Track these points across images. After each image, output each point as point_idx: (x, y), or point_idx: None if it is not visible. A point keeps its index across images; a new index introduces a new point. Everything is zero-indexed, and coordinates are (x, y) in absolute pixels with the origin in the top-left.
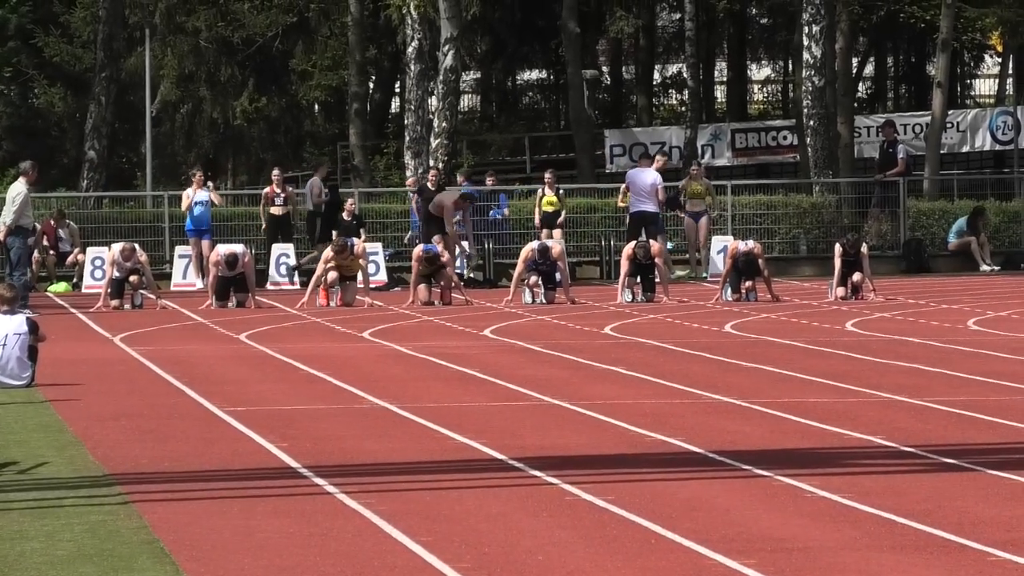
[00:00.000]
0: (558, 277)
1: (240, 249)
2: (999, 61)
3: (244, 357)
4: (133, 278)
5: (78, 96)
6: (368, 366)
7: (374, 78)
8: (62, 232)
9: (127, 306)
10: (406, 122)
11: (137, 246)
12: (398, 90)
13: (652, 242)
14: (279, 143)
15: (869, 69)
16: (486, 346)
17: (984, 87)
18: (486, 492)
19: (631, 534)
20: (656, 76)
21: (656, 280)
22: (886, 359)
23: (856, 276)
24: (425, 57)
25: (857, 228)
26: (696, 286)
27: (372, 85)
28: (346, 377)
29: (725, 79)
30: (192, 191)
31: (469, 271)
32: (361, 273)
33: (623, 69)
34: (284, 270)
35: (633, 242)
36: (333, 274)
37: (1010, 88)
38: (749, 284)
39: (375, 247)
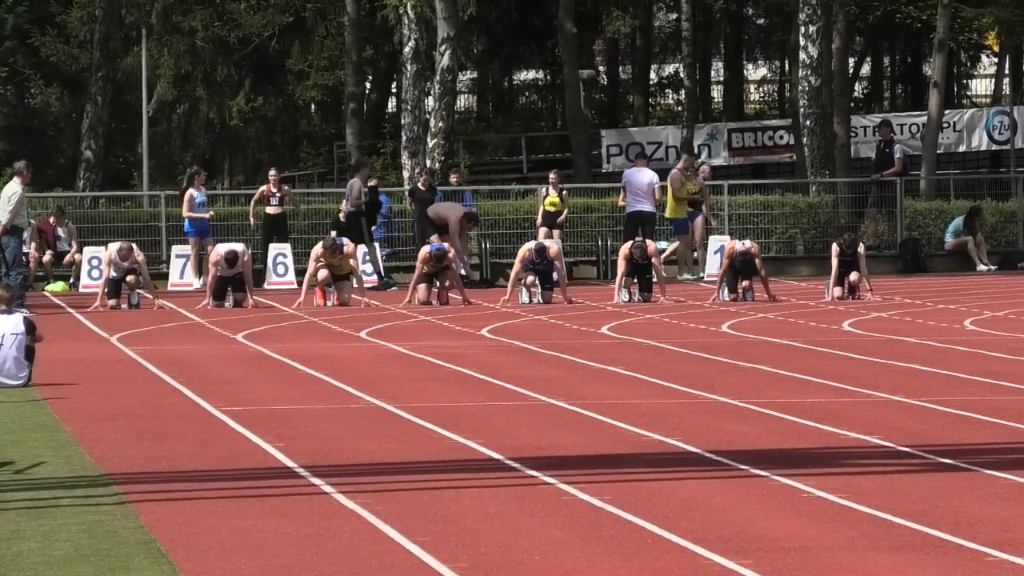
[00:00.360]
0: (555, 277)
1: (240, 247)
2: (995, 61)
3: (241, 357)
4: (130, 278)
5: (74, 96)
6: (365, 366)
7: (371, 78)
8: (60, 231)
9: (124, 306)
10: (403, 122)
11: (134, 246)
12: (395, 90)
13: (649, 242)
14: (275, 143)
15: (866, 69)
16: (483, 346)
17: (981, 87)
18: (483, 492)
19: (628, 534)
20: (653, 76)
21: (653, 280)
22: (883, 359)
23: (853, 276)
24: (422, 57)
25: (854, 228)
26: (693, 286)
27: (369, 85)
28: (343, 377)
29: (721, 79)
30: (195, 191)
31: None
32: (353, 273)
33: (620, 69)
34: (281, 270)
35: (630, 242)
36: (324, 272)
37: (1006, 88)
38: (746, 284)
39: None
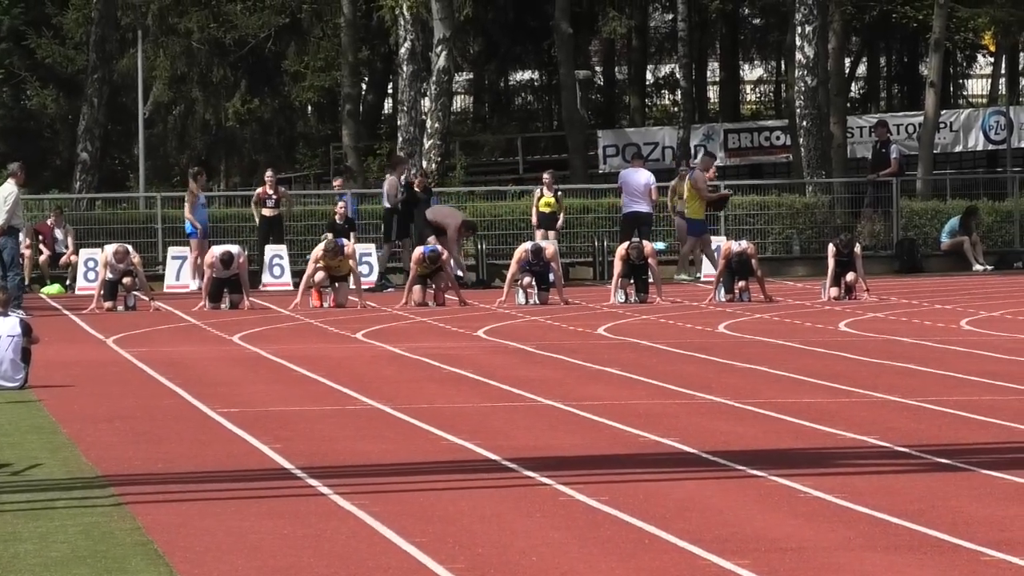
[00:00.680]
0: (551, 278)
1: (235, 249)
2: (992, 61)
3: (237, 358)
4: (126, 280)
5: (71, 98)
6: (361, 367)
7: (367, 79)
8: (58, 232)
9: (120, 308)
10: (399, 123)
11: (130, 248)
12: (391, 91)
13: (645, 242)
14: (272, 144)
15: (862, 69)
16: (479, 347)
17: (977, 87)
18: (480, 493)
19: (625, 534)
20: (649, 76)
21: (649, 281)
22: (879, 359)
23: (849, 276)
24: (418, 58)
25: (850, 228)
26: (690, 286)
27: (365, 86)
28: (339, 378)
29: (718, 79)
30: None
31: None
32: (352, 274)
33: (616, 69)
34: (278, 271)
35: (626, 242)
36: (321, 274)
37: (1003, 88)
38: (742, 284)
39: (368, 248)
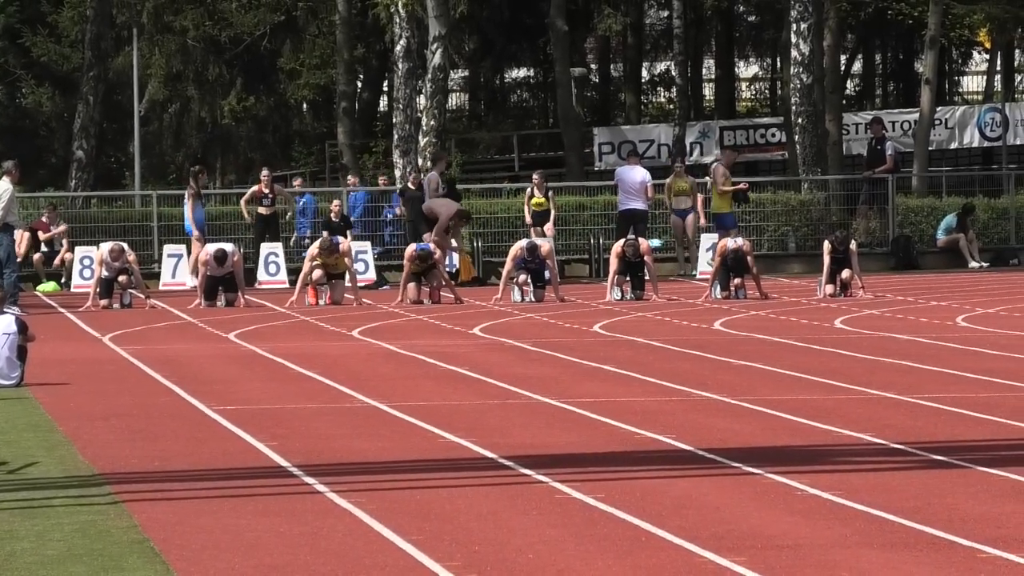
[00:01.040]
0: (547, 275)
1: (229, 247)
2: (987, 58)
3: (233, 356)
4: (122, 278)
5: (66, 96)
6: (357, 365)
7: (362, 77)
8: (54, 229)
9: (116, 305)
10: (394, 120)
11: (125, 246)
12: (386, 89)
13: (641, 240)
14: (267, 142)
15: (857, 66)
16: (475, 344)
17: (972, 84)
18: (476, 491)
19: (621, 532)
20: (644, 74)
21: (645, 278)
22: (875, 356)
23: (845, 273)
24: (413, 55)
25: (846, 225)
26: (685, 284)
27: (360, 84)
28: (335, 376)
29: (713, 76)
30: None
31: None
32: (348, 272)
33: (611, 67)
34: (273, 269)
35: (622, 240)
36: (318, 272)
37: (998, 85)
38: (738, 281)
39: (364, 245)
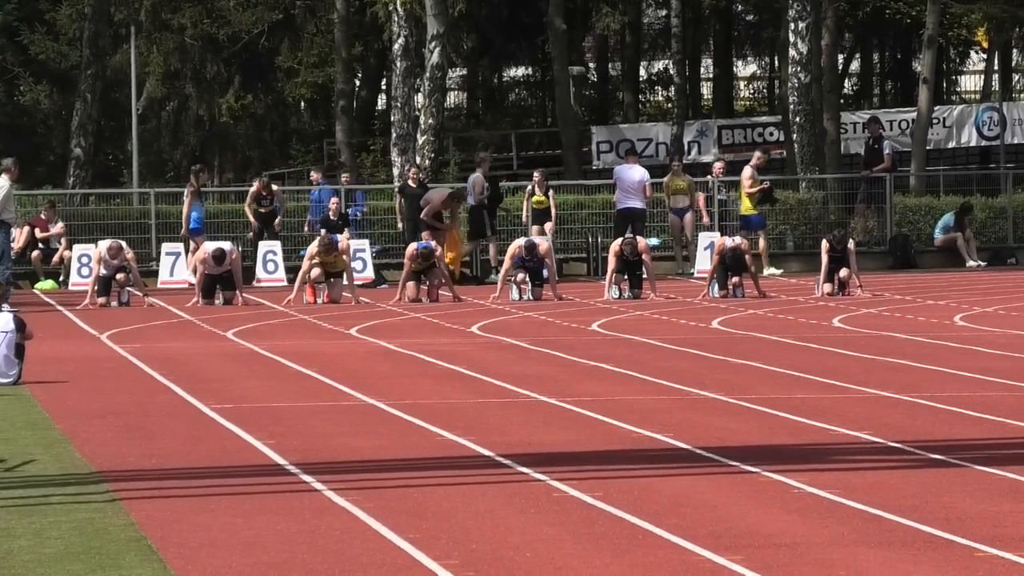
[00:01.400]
0: (545, 274)
1: (228, 246)
2: (985, 57)
3: (231, 354)
4: (120, 276)
5: (64, 93)
6: (355, 363)
7: (360, 75)
8: (51, 227)
9: (114, 303)
10: (392, 119)
11: (124, 243)
12: (384, 87)
13: (639, 238)
14: (265, 140)
15: (855, 65)
16: (473, 343)
17: (970, 83)
18: (474, 489)
19: (618, 530)
20: (642, 73)
21: (643, 277)
22: (873, 355)
23: (843, 272)
24: (411, 54)
25: (844, 224)
26: (683, 282)
27: (358, 82)
28: (333, 374)
29: (711, 75)
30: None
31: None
32: (346, 270)
33: (609, 66)
34: (271, 267)
35: (620, 238)
36: (317, 271)
37: (996, 84)
38: (736, 280)
39: (362, 244)
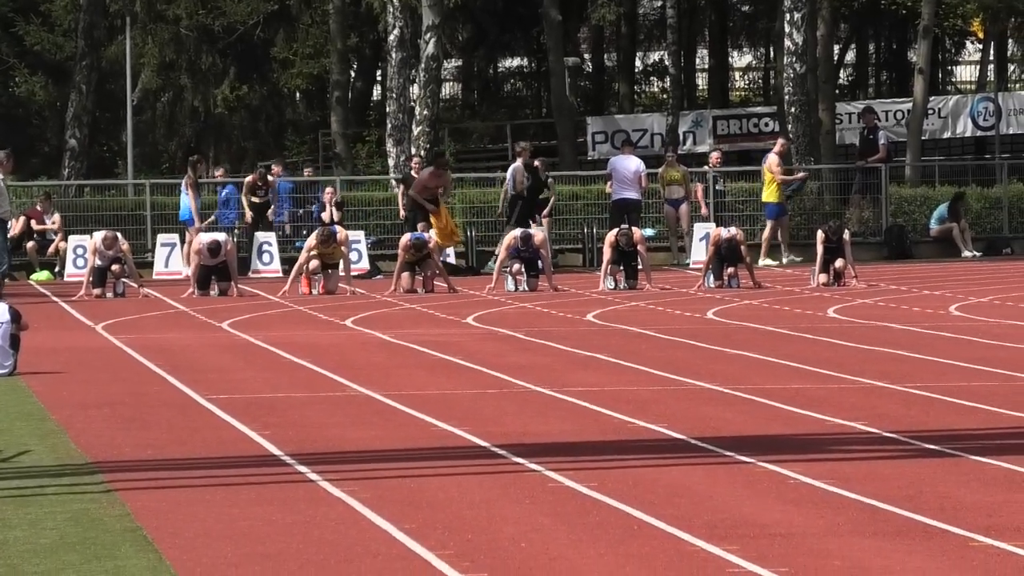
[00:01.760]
0: (540, 264)
1: (222, 237)
2: (980, 47)
3: (226, 345)
4: (115, 267)
5: (59, 84)
6: (351, 354)
7: (355, 66)
8: (46, 219)
9: (109, 294)
10: (388, 110)
11: (119, 234)
12: (380, 78)
13: (635, 229)
14: (260, 131)
15: (850, 56)
16: (469, 334)
17: (965, 73)
18: (469, 479)
19: (614, 520)
20: (638, 63)
21: (639, 267)
22: (868, 345)
23: (838, 263)
24: (407, 45)
25: (839, 214)
26: (678, 273)
27: (353, 73)
28: (329, 365)
29: (706, 66)
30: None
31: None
32: (343, 261)
33: (605, 56)
34: (267, 258)
35: (616, 229)
36: (315, 262)
37: (991, 74)
38: (731, 271)
39: (357, 235)
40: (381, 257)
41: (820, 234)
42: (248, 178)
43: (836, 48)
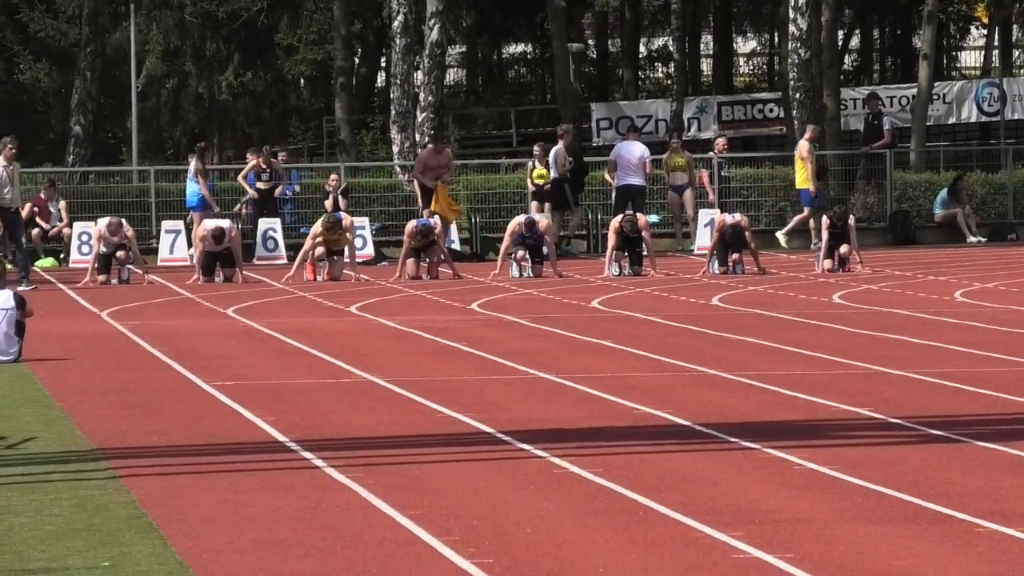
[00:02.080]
0: (545, 251)
1: (227, 224)
2: (985, 33)
3: (231, 332)
4: (120, 253)
5: (63, 71)
6: (355, 340)
7: (360, 52)
8: (51, 206)
9: (114, 281)
10: (392, 96)
11: (123, 221)
12: (384, 64)
13: (639, 215)
14: (265, 117)
15: (855, 41)
16: (473, 320)
17: (970, 59)
18: (474, 465)
19: (619, 506)
20: (642, 49)
21: (643, 253)
22: (873, 331)
23: (843, 248)
24: (411, 31)
25: (844, 200)
26: (683, 259)
27: (358, 59)
28: (333, 351)
29: (711, 52)
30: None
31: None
32: (348, 248)
33: (609, 42)
34: (271, 244)
35: (620, 215)
36: (320, 249)
37: (996, 60)
38: (736, 257)
39: (362, 221)
40: (386, 243)
41: (825, 220)
42: (252, 161)
43: (840, 34)
